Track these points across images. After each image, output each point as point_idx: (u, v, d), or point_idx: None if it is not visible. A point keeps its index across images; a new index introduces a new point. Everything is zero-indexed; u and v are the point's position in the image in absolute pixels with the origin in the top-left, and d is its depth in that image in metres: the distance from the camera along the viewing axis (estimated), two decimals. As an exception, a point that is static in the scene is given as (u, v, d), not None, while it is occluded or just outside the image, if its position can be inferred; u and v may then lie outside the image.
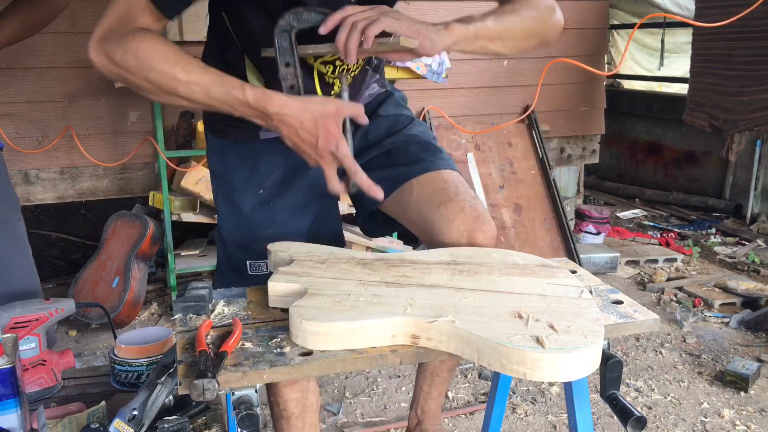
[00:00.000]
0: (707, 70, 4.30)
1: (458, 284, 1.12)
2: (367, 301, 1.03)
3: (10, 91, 3.23)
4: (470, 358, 0.95)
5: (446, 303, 1.04)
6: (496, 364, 0.91)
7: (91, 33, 1.12)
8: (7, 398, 1.20)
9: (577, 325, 0.96)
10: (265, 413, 2.43)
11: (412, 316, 0.98)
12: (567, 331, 0.94)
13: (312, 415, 1.51)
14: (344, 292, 1.06)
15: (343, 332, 0.96)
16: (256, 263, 1.41)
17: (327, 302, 1.02)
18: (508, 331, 0.94)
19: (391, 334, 0.98)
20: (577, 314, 1.00)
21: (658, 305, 3.44)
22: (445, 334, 0.96)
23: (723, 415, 2.43)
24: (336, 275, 1.13)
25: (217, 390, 0.88)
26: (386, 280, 1.13)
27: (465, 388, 2.64)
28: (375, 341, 0.98)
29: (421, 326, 0.98)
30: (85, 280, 3.22)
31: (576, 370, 0.90)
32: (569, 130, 4.29)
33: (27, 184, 3.35)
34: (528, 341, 0.91)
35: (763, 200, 4.84)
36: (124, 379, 1.57)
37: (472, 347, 0.94)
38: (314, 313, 0.98)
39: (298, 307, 0.99)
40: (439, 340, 0.97)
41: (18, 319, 1.53)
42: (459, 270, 1.18)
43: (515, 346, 0.90)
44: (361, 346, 0.97)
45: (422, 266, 1.19)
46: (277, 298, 1.11)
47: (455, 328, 0.95)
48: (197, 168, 3.21)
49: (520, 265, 1.21)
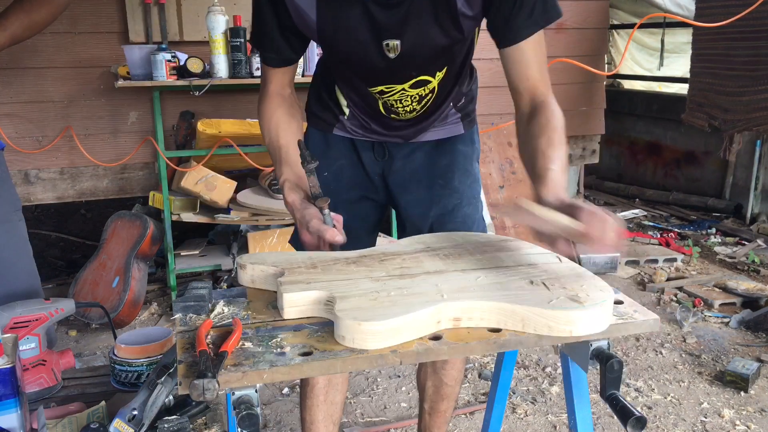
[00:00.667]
0: (707, 70, 4.31)
1: (459, 267, 1.18)
2: (399, 295, 1.05)
3: (10, 91, 3.23)
4: (514, 327, 1.01)
5: (468, 284, 1.09)
6: (543, 328, 1.00)
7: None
8: (7, 398, 1.20)
9: (586, 283, 1.09)
10: (265, 413, 2.43)
11: (453, 301, 1.02)
12: (583, 290, 1.06)
13: (337, 395, 1.69)
14: (370, 290, 1.07)
15: (399, 327, 0.97)
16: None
17: (363, 302, 1.03)
18: (542, 298, 1.03)
19: (436, 321, 1.01)
20: (576, 275, 1.13)
21: (658, 305, 3.44)
22: (487, 310, 1.02)
23: (723, 415, 2.43)
24: (343, 276, 1.14)
25: (217, 390, 0.88)
26: (393, 274, 1.15)
27: (465, 388, 2.64)
28: (422, 331, 1.00)
29: (464, 308, 1.02)
30: (85, 280, 3.22)
31: (605, 321, 1.02)
32: (569, 130, 4.24)
33: (27, 184, 3.36)
34: (567, 303, 1.01)
35: (763, 200, 4.84)
36: (124, 379, 1.57)
37: (516, 318, 1.01)
38: (366, 314, 0.98)
39: (345, 311, 0.99)
40: (481, 317, 1.03)
41: (18, 319, 1.53)
42: (443, 255, 1.26)
43: (561, 308, 0.99)
44: (413, 338, 0.99)
45: (408, 256, 1.25)
46: (296, 309, 1.09)
47: (497, 303, 1.02)
48: (197, 168, 3.21)
49: (486, 243, 1.32)
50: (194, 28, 3.39)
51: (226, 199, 3.32)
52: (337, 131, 1.59)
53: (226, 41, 3.05)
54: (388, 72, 1.37)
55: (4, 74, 3.20)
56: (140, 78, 3.02)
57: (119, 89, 3.21)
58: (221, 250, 3.65)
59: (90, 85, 3.34)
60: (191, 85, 3.01)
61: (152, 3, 3.29)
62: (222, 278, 3.53)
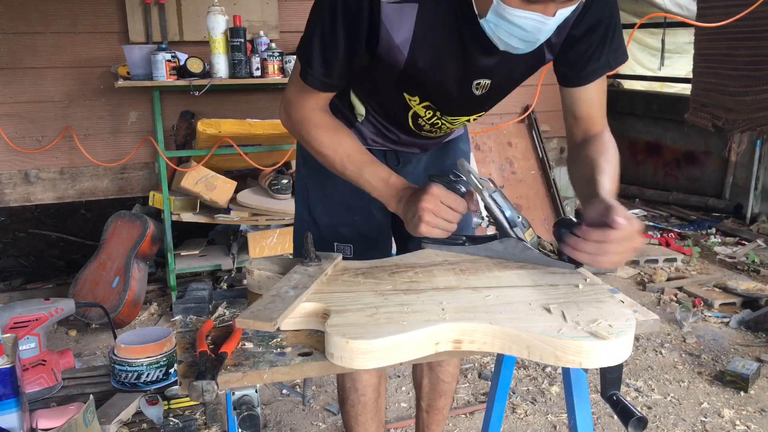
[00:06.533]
0: (710, 70, 4.30)
1: (471, 284, 1.12)
2: (399, 311, 1.00)
3: (10, 91, 3.23)
4: (519, 354, 0.95)
5: (474, 304, 1.03)
6: (550, 357, 0.92)
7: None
8: (7, 398, 1.20)
9: (606, 310, 1.00)
10: (266, 413, 2.43)
11: (453, 322, 0.96)
12: (602, 318, 0.97)
13: (383, 400, 1.71)
14: (369, 305, 1.02)
15: (389, 348, 0.91)
16: (342, 245, 1.53)
17: (359, 318, 0.97)
18: (552, 324, 0.95)
19: (434, 342, 0.96)
20: (597, 300, 1.04)
21: (658, 305, 3.44)
22: (490, 334, 0.96)
23: (723, 415, 2.43)
24: (346, 288, 1.11)
25: (216, 391, 0.88)
26: (400, 288, 1.10)
27: (465, 388, 2.64)
28: (419, 352, 0.94)
29: (465, 330, 0.96)
30: (85, 280, 3.22)
31: (624, 352, 0.94)
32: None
33: (27, 184, 3.35)
34: (578, 332, 0.93)
35: (763, 200, 4.84)
36: (124, 379, 1.57)
37: (521, 344, 0.94)
38: (357, 331, 0.92)
39: (335, 327, 0.94)
40: (483, 341, 0.97)
41: (18, 319, 1.53)
42: (459, 269, 1.19)
43: (571, 337, 0.91)
44: (408, 359, 0.93)
45: (422, 269, 1.19)
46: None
47: (501, 327, 0.95)
48: (197, 168, 3.21)
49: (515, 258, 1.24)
50: (194, 28, 3.40)
51: (226, 199, 3.32)
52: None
53: (226, 41, 3.04)
54: (466, 106, 1.37)
55: (4, 74, 3.20)
56: (140, 78, 3.02)
57: (119, 89, 3.21)
58: (221, 250, 3.65)
59: (90, 85, 3.34)
60: (191, 85, 3.01)
61: (152, 3, 3.29)
62: (222, 278, 3.52)
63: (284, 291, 1.06)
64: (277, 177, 3.34)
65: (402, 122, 1.43)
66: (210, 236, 3.90)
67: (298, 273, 1.14)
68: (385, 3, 1.13)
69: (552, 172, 3.89)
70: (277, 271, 1.18)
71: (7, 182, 3.31)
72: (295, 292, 1.06)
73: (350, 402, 1.67)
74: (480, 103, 1.37)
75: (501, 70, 1.27)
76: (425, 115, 1.38)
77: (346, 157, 1.30)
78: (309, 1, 1.21)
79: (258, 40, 3.19)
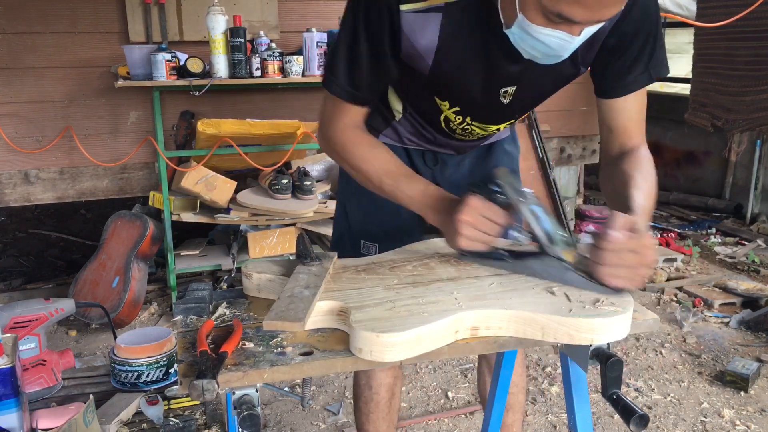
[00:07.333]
0: (709, 70, 4.30)
1: (471, 273, 1.16)
2: (415, 304, 1.02)
3: (10, 91, 3.23)
4: (533, 336, 1.00)
5: (483, 292, 1.07)
6: (564, 336, 0.98)
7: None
8: (7, 398, 1.20)
9: (601, 290, 1.05)
10: (266, 413, 2.43)
11: (470, 310, 0.99)
12: (603, 297, 1.04)
13: (396, 402, 1.70)
14: (384, 300, 1.04)
15: (418, 338, 0.94)
16: (368, 244, 1.55)
17: (380, 312, 0.99)
18: (560, 306, 1.01)
19: (454, 330, 0.99)
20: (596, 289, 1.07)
21: (658, 305, 3.44)
22: (506, 319, 1.00)
23: (723, 415, 2.43)
24: (354, 285, 1.11)
25: (217, 390, 0.88)
26: (406, 281, 1.12)
27: (465, 388, 2.64)
28: (441, 341, 0.97)
29: (482, 317, 1.00)
30: (85, 280, 3.22)
31: (626, 328, 1.01)
32: (569, 130, 4.29)
33: (27, 184, 3.35)
34: (587, 311, 0.99)
35: (763, 200, 4.84)
36: (124, 379, 1.57)
37: (535, 326, 0.99)
38: (384, 325, 0.94)
39: (362, 323, 0.95)
40: (499, 326, 1.00)
41: (18, 319, 1.53)
42: (455, 260, 1.23)
43: (582, 316, 0.97)
44: (430, 349, 0.95)
45: (419, 263, 1.22)
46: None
47: (516, 312, 0.99)
48: (197, 168, 3.21)
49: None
50: (194, 28, 3.40)
51: (226, 199, 3.32)
52: (384, 138, 1.50)
53: (226, 41, 3.04)
54: (495, 114, 1.35)
55: (4, 74, 3.20)
56: (140, 78, 3.02)
57: (119, 89, 3.21)
58: (221, 250, 3.65)
59: (90, 85, 3.34)
60: (191, 85, 3.01)
61: (152, 3, 3.29)
62: (222, 278, 3.52)
63: (298, 291, 1.07)
64: (277, 177, 3.34)
65: (435, 124, 1.42)
66: (210, 236, 3.90)
67: (303, 273, 1.14)
68: (405, 12, 1.13)
69: (552, 172, 3.89)
70: (276, 273, 1.18)
71: (7, 182, 3.31)
72: (309, 291, 1.06)
73: (363, 399, 1.67)
74: (508, 112, 1.36)
75: (528, 78, 1.25)
76: (455, 119, 1.37)
77: (383, 171, 1.29)
78: (309, 1, 1.21)
79: (258, 40, 3.19)
